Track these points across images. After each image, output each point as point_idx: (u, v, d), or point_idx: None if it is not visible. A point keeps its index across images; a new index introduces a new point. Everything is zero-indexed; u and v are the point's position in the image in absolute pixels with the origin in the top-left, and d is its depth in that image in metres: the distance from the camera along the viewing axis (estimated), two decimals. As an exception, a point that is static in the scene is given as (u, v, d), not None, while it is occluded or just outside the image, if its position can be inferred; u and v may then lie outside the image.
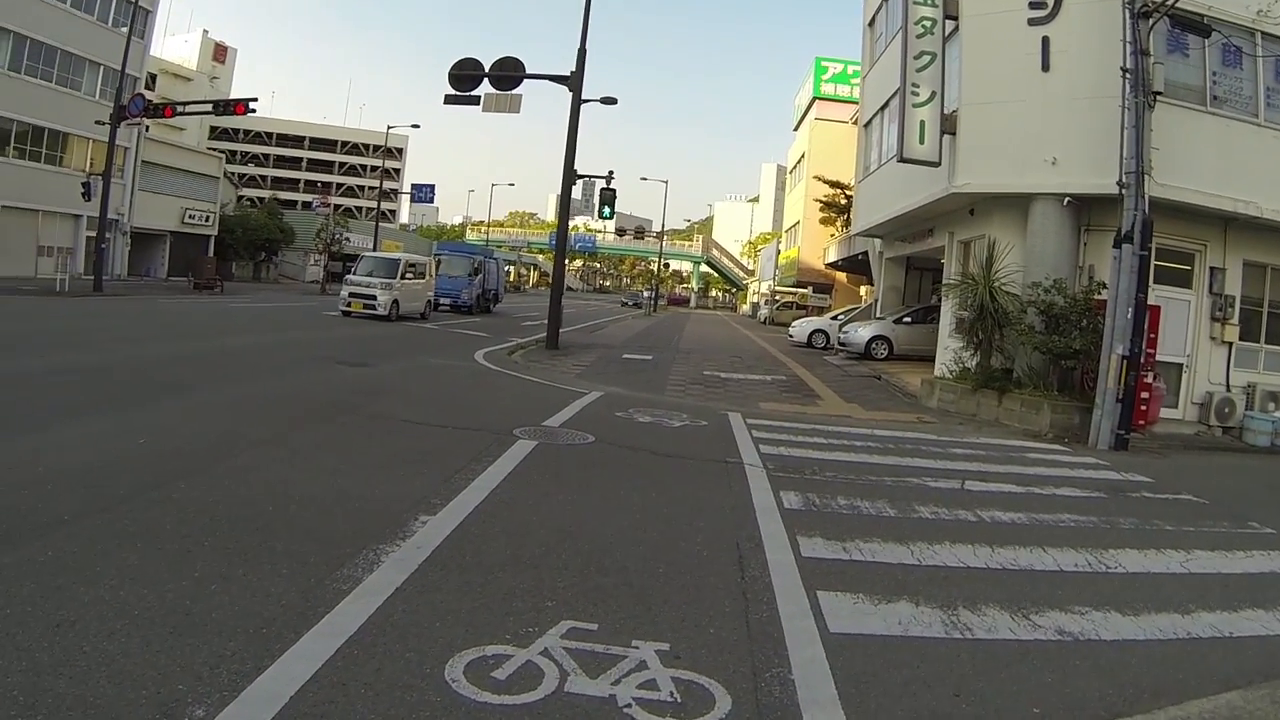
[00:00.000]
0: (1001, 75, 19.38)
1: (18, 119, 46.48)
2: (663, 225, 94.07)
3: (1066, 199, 18.31)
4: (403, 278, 34.45)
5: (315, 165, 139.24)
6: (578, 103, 25.54)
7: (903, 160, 20.39)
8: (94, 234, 46.18)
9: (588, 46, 25.97)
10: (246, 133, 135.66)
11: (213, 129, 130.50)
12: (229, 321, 27.83)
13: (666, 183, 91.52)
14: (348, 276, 35.93)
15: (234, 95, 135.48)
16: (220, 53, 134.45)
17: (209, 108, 44.99)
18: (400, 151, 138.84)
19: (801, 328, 40.86)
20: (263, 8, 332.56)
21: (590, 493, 8.65)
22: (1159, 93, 16.23)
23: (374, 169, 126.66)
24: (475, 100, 26.36)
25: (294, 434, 10.16)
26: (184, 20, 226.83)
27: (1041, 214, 18.76)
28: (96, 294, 35.76)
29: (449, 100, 26.44)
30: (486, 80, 25.99)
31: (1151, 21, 15.88)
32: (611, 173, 30.69)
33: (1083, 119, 18.08)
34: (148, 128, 55.21)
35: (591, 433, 11.84)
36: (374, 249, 55.60)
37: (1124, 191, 15.58)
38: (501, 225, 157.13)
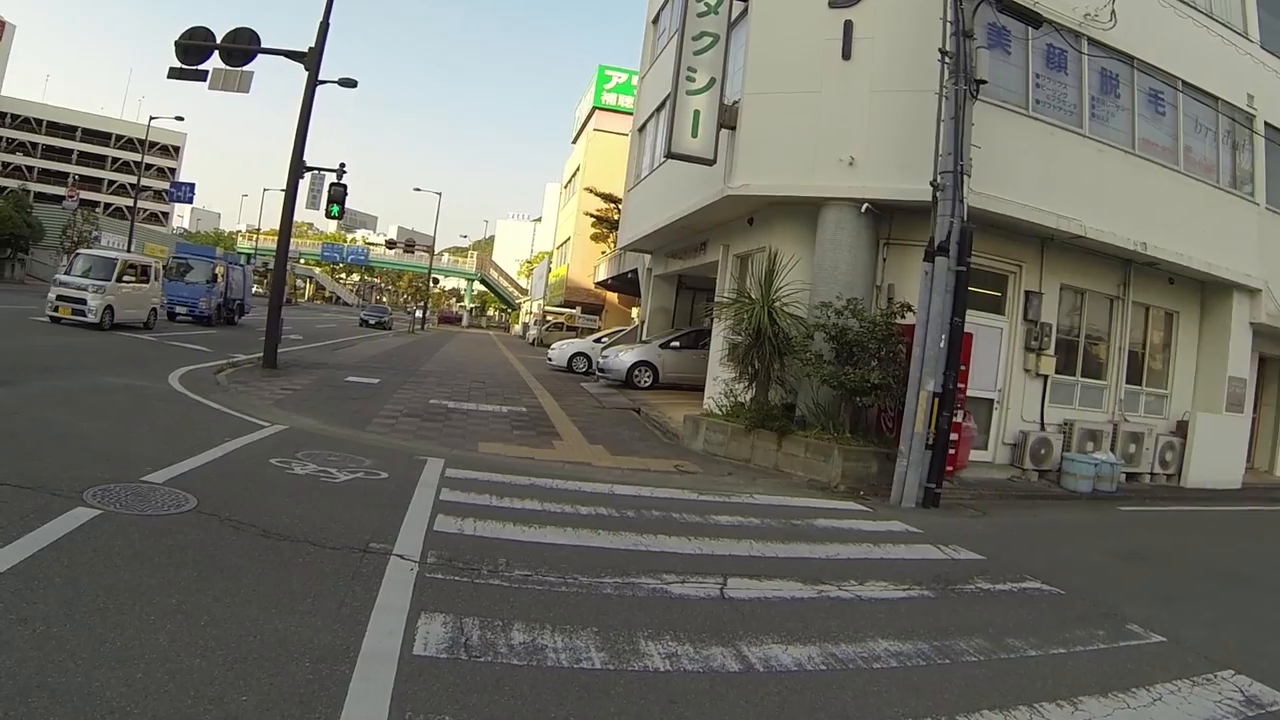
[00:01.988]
0: (794, 62, 16.89)
1: None
2: (434, 239, 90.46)
3: (865, 205, 15.72)
4: (120, 280, 30.16)
5: (87, 159, 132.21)
6: (313, 83, 22.59)
7: (671, 155, 17.72)
8: None
9: (331, 21, 23.02)
10: (14, 118, 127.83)
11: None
12: None
13: (440, 194, 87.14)
14: (57, 276, 31.38)
15: (8, 76, 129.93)
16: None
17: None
18: (177, 150, 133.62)
19: (562, 350, 37.74)
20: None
21: (93, 618, 5.39)
22: (983, 81, 13.74)
23: (149, 167, 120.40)
24: (202, 76, 23.07)
25: None
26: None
27: (834, 223, 16.08)
28: None
29: (173, 74, 23.03)
30: (217, 55, 22.84)
31: (976, 2, 13.54)
32: (343, 165, 27.12)
33: (887, 115, 15.69)
34: None
35: (209, 491, 8.70)
36: (130, 251, 51.10)
37: (938, 194, 12.97)
38: (275, 234, 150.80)
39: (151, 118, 59.74)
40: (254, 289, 54.67)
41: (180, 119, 58.84)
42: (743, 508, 11.08)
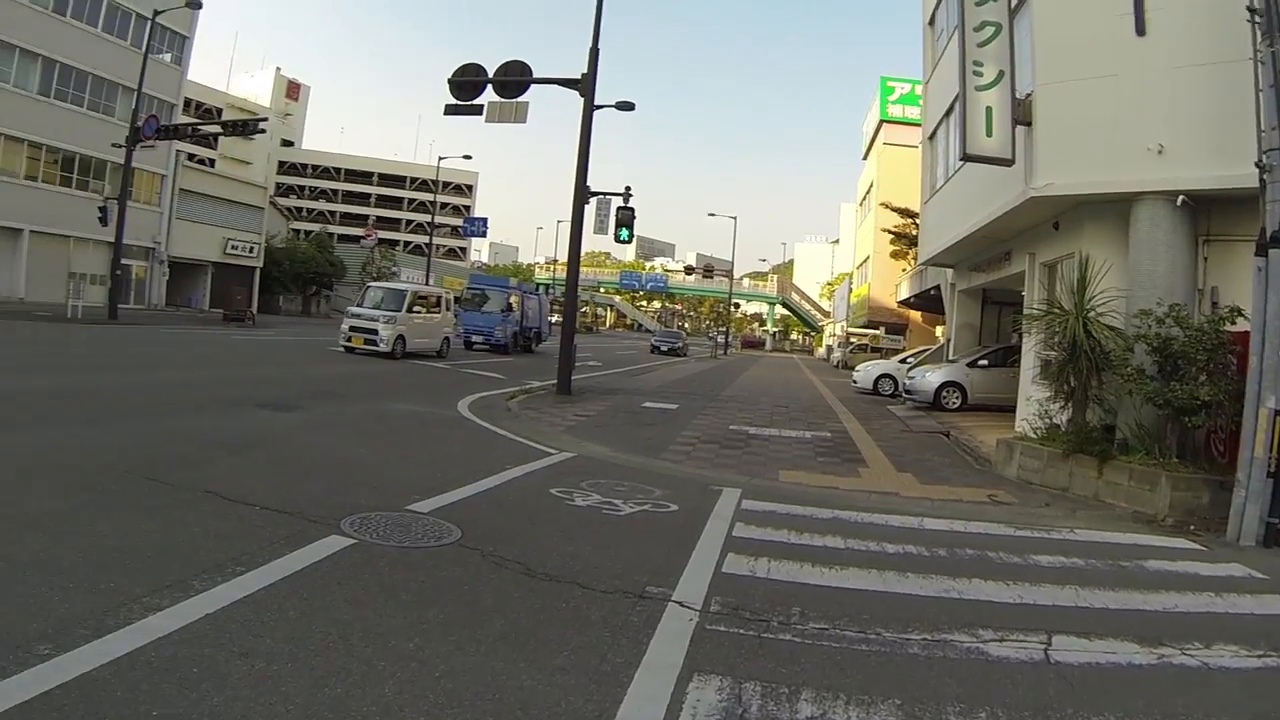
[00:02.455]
0: (1084, 45, 15.32)
1: (46, 143, 47.31)
2: (732, 263, 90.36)
3: (1180, 198, 14.04)
4: (410, 310, 31.64)
5: (384, 201, 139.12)
6: (590, 109, 22.67)
7: (966, 158, 16.35)
8: (129, 261, 49.55)
9: (601, 46, 22.82)
10: (315, 168, 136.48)
11: (281, 164, 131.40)
12: (209, 354, 27.14)
13: (735, 219, 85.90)
14: (349, 308, 33.23)
15: (306, 131, 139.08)
16: (293, 90, 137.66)
17: (218, 128, 43.77)
18: (470, 188, 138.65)
19: (866, 372, 36.34)
20: (335, 48, 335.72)
21: (318, 659, 4.96)
22: (1306, 34, 11.77)
23: (445, 206, 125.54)
24: (479, 110, 23.77)
25: (6, 507, 7.39)
26: (258, 58, 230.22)
27: (1148, 220, 14.44)
28: (110, 322, 36.52)
29: (450, 110, 23.85)
30: (491, 88, 23.43)
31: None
32: (629, 189, 26.79)
33: (1193, 93, 13.92)
34: (189, 156, 55.63)
35: (477, 523, 8.37)
36: (428, 284, 52.83)
37: (1265, 177, 11.17)
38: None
39: (440, 158, 62.11)
40: (552, 317, 55.37)
41: (468, 158, 61.14)
42: (1064, 545, 9.77)
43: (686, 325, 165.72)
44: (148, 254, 55.32)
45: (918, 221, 39.82)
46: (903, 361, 35.55)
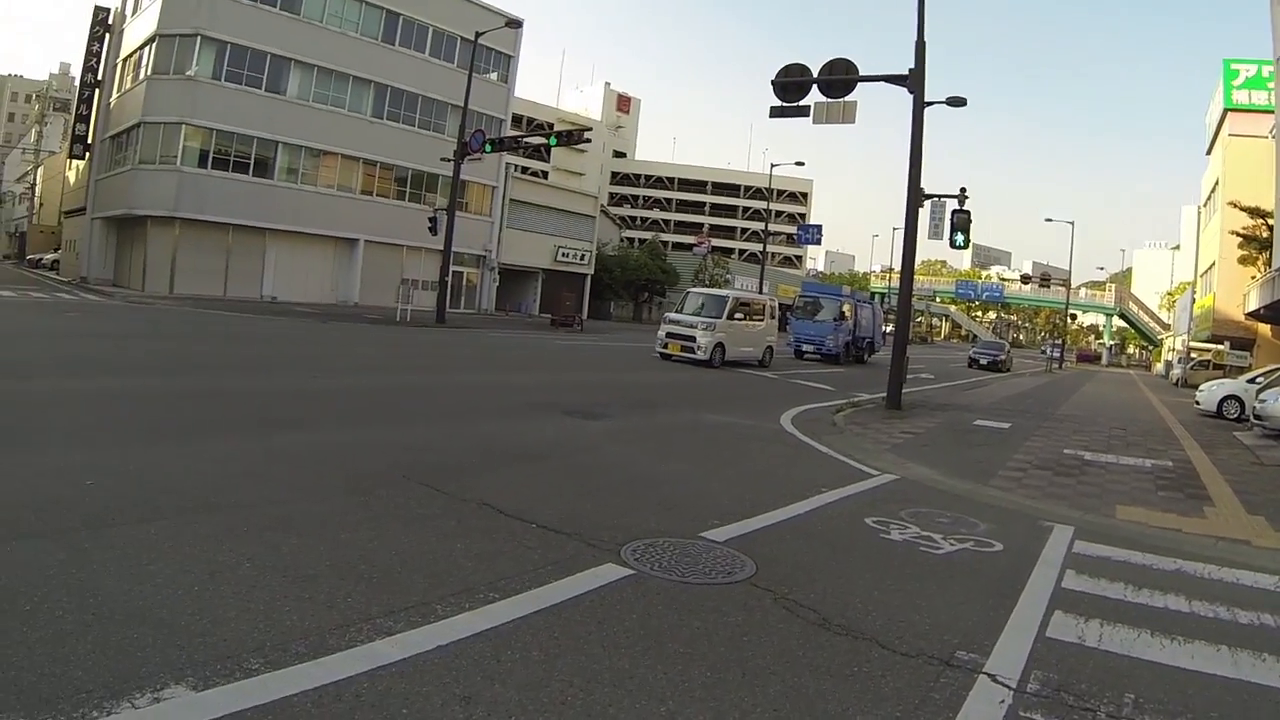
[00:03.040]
0: None
1: (381, 160, 52.01)
2: (1069, 271, 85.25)
3: None
4: (730, 317, 30.91)
5: (718, 210, 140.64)
6: (919, 106, 21.57)
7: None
8: (460, 269, 53.93)
9: (927, 39, 21.64)
10: (648, 178, 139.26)
11: (614, 174, 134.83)
12: (527, 358, 28.74)
13: (1072, 224, 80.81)
14: (667, 314, 33.17)
15: (639, 143, 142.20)
16: (623, 103, 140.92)
17: (542, 139, 44.95)
18: (804, 196, 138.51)
19: (1210, 393, 32.43)
20: (664, 61, 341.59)
21: (547, 714, 4.37)
22: None
23: (779, 214, 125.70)
24: (804, 111, 23.26)
25: (272, 505, 7.61)
26: (588, 74, 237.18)
27: None
28: (437, 325, 38.61)
29: (775, 113, 23.56)
30: (816, 88, 22.85)
31: None
32: (964, 190, 25.22)
33: None
34: (519, 168, 57.88)
35: (776, 557, 7.58)
36: (761, 292, 52.64)
37: None
38: (914, 274, 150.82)
39: (773, 165, 61.73)
40: (885, 327, 54.16)
41: (800, 164, 60.63)
42: None
43: (1021, 337, 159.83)
44: (479, 261, 58.52)
45: (1270, 222, 36.15)
46: (1251, 381, 31.89)
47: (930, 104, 21.81)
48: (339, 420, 12.85)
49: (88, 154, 56.88)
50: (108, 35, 56.22)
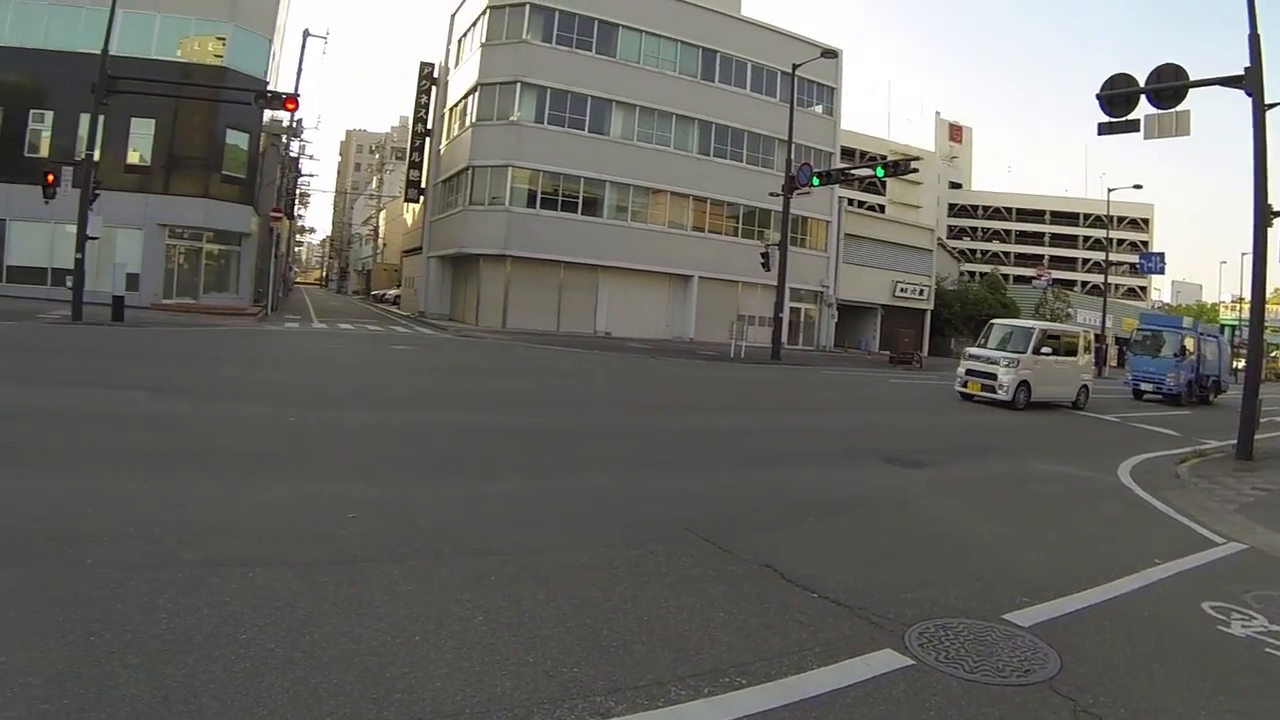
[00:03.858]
0: None
1: (710, 197, 52.28)
2: None
3: None
4: (1037, 352, 27.20)
5: (1058, 240, 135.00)
6: (1260, 110, 18.62)
7: None
8: (798, 304, 54.48)
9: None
10: (984, 209, 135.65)
11: (950, 206, 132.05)
12: (857, 397, 28.12)
13: None
14: (967, 349, 29.88)
15: (974, 172, 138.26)
16: (955, 132, 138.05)
17: (868, 171, 42.85)
18: (1146, 222, 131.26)
19: None
20: (994, 88, 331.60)
21: None
22: None
23: (1120, 242, 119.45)
24: (1134, 126, 20.81)
25: (531, 554, 7.23)
26: (916, 105, 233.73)
27: None
28: (771, 362, 38.15)
29: (1103, 130, 21.18)
30: (1145, 99, 20.40)
31: None
32: (1334, 208, 22.01)
33: None
34: (850, 201, 57.67)
35: (1086, 651, 6.10)
36: (1101, 325, 49.32)
37: None
38: (1271, 304, 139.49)
39: (1110, 190, 58.28)
40: (1232, 364, 49.11)
41: (1138, 187, 57.57)
42: None
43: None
44: (816, 297, 57.92)
45: None
46: None
47: (1272, 106, 18.87)
48: (633, 462, 12.38)
49: (422, 197, 60.77)
50: (434, 88, 60.58)
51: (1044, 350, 27.41)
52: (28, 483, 8.01)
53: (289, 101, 33.19)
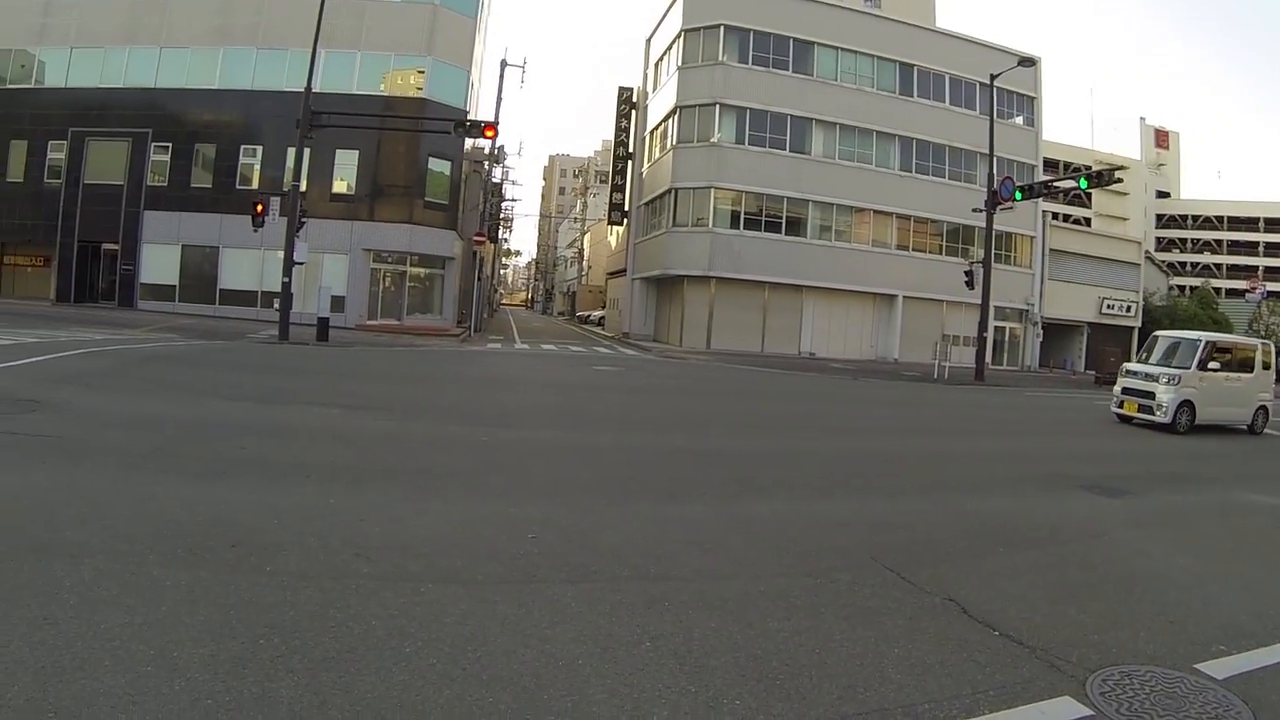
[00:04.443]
0: None
1: (913, 214, 51.86)
2: None
3: None
4: (1203, 367, 24.03)
5: (1273, 249, 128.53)
6: None
7: None
8: (1002, 323, 54.11)
9: None
10: (1194, 218, 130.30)
11: (1159, 217, 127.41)
12: (1056, 420, 26.30)
13: None
14: (1124, 365, 27.32)
15: (1183, 180, 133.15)
16: (1162, 138, 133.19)
17: (1070, 182, 41.70)
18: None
19: None
20: (1201, 89, 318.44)
21: None
22: None
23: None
24: None
25: (709, 580, 7.27)
26: (1119, 112, 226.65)
27: None
28: (975, 383, 37.71)
29: None
30: None
31: None
32: None
33: None
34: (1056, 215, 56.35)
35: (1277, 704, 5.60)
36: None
37: None
38: None
39: (1314, 195, 55.25)
40: None
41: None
42: None
43: None
44: (1021, 315, 56.69)
45: None
46: None
47: None
48: (823, 487, 12.07)
49: (625, 220, 61.90)
50: (634, 112, 61.47)
51: (1211, 365, 24.30)
52: (221, 493, 8.54)
53: (488, 128, 34.27)
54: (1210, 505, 13.27)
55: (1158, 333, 28.17)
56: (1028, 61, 42.88)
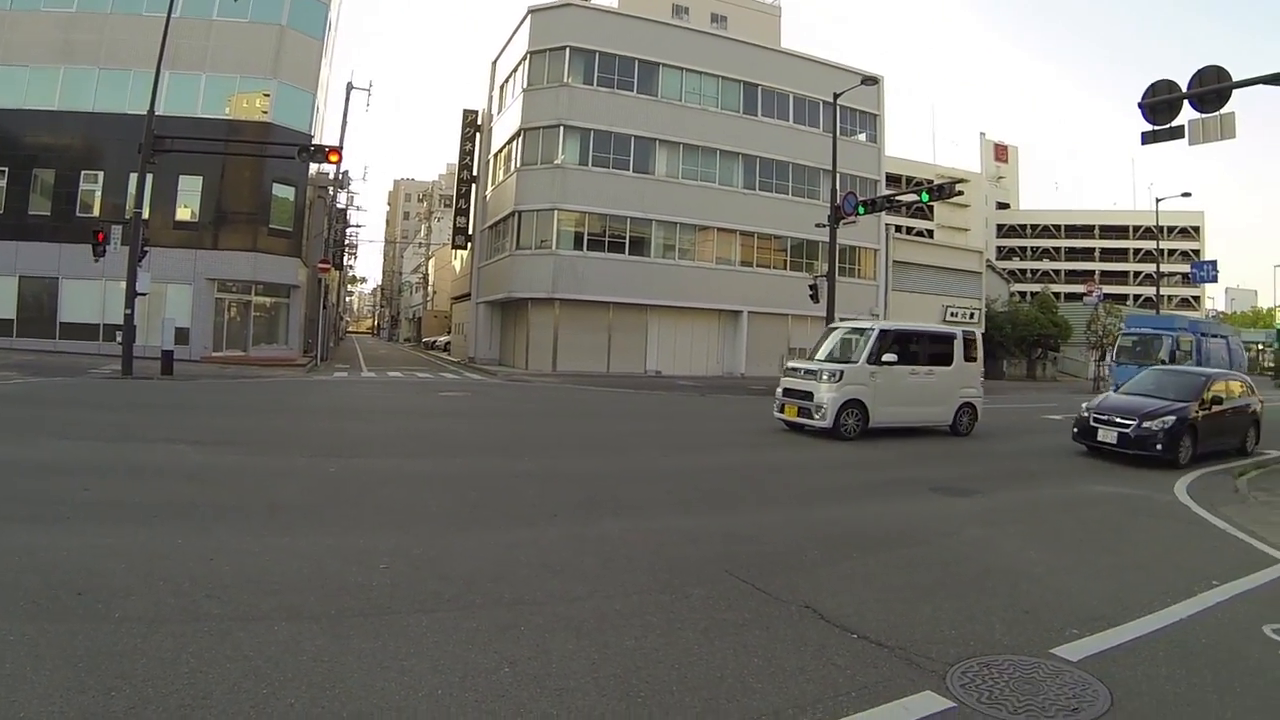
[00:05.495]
0: None
1: (757, 230, 52.61)
2: None
3: None
4: (877, 361, 20.84)
5: (1108, 255, 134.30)
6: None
7: None
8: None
9: None
10: (1033, 228, 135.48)
11: (999, 227, 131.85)
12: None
13: None
14: (788, 363, 24.12)
15: (1021, 192, 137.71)
16: (1001, 152, 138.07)
17: (913, 196, 42.60)
18: (1196, 230, 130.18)
19: None
20: (1036, 102, 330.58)
21: None
22: None
23: (1170, 252, 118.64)
24: (1179, 133, 20.56)
25: (564, 602, 7.32)
26: (959, 128, 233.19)
27: None
28: None
29: (1147, 139, 21.09)
30: (1188, 105, 20.19)
31: None
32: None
33: None
34: (899, 228, 57.76)
35: (1138, 685, 5.91)
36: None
37: None
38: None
39: (1158, 200, 58.10)
40: (1246, 367, 45.27)
41: (1187, 195, 56.95)
42: None
43: None
44: None
45: None
46: None
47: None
48: (672, 504, 12.10)
49: (469, 244, 61.26)
50: (478, 135, 60.88)
51: (886, 359, 20.96)
52: (63, 538, 8.18)
53: (332, 153, 33.66)
54: (1060, 498, 14.02)
55: (830, 325, 26.35)
56: (870, 80, 43.58)
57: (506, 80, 54.44)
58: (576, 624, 6.51)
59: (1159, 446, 17.70)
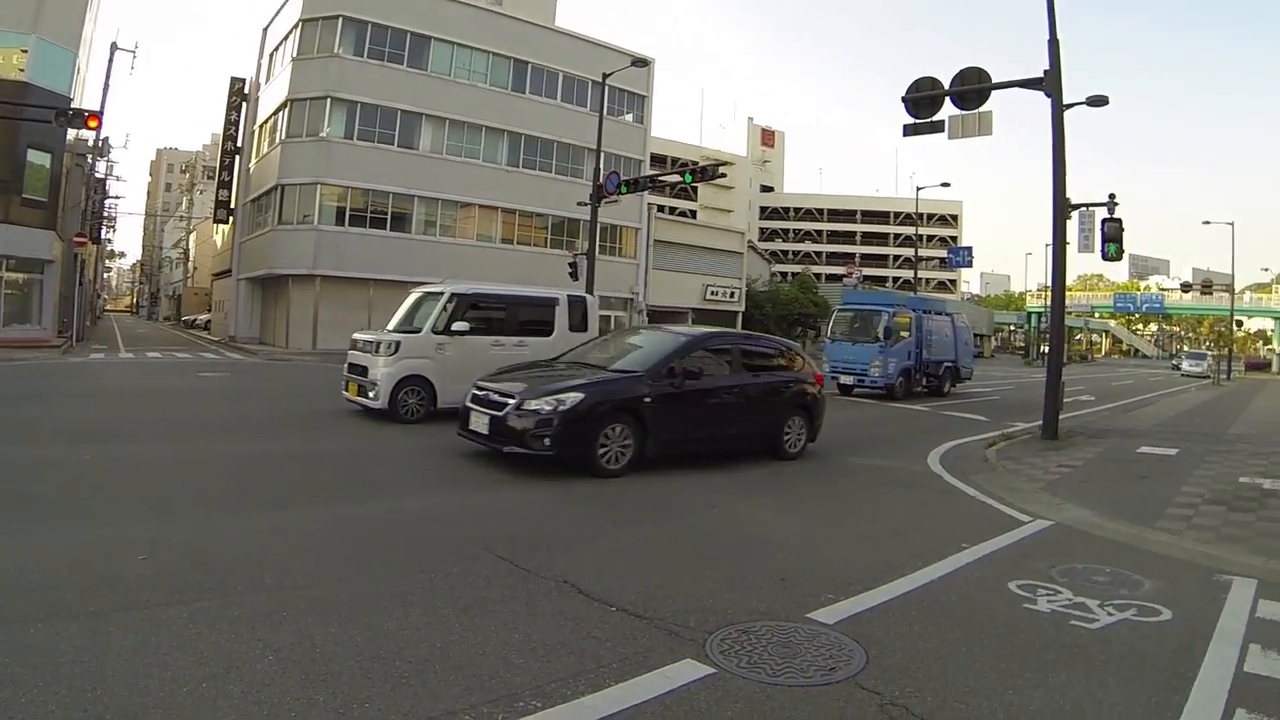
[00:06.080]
0: None
1: (519, 208, 52.62)
2: (1232, 275, 79.14)
3: None
4: (446, 330, 18.21)
5: (869, 239, 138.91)
6: (1058, 109, 19.74)
7: None
8: (608, 312, 52.70)
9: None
10: (796, 211, 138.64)
11: (763, 209, 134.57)
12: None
13: (1232, 225, 74.09)
14: (355, 335, 20.25)
15: (786, 176, 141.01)
16: (768, 137, 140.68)
17: (676, 177, 43.43)
18: (954, 218, 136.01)
19: None
20: (805, 90, 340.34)
21: None
22: None
23: (930, 238, 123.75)
24: (940, 127, 21.66)
25: (323, 586, 7.18)
26: (729, 112, 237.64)
27: None
28: None
29: (909, 131, 22.11)
30: (949, 101, 21.17)
31: None
32: (1113, 197, 23.02)
33: None
34: (661, 208, 57.98)
35: (893, 643, 6.25)
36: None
37: None
38: (1070, 290, 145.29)
39: (919, 189, 60.52)
40: (974, 347, 44.87)
41: (946, 185, 59.72)
42: None
43: (1185, 347, 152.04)
44: (626, 304, 58.32)
45: None
46: None
47: (1070, 106, 20.14)
48: (432, 484, 12.01)
49: (231, 218, 58.90)
50: (244, 104, 58.30)
51: (457, 328, 18.21)
52: None
53: (91, 118, 32.10)
54: (822, 470, 14.39)
55: (415, 290, 20.91)
56: (641, 62, 44.07)
57: (277, 48, 52.66)
58: (337, 607, 6.43)
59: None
